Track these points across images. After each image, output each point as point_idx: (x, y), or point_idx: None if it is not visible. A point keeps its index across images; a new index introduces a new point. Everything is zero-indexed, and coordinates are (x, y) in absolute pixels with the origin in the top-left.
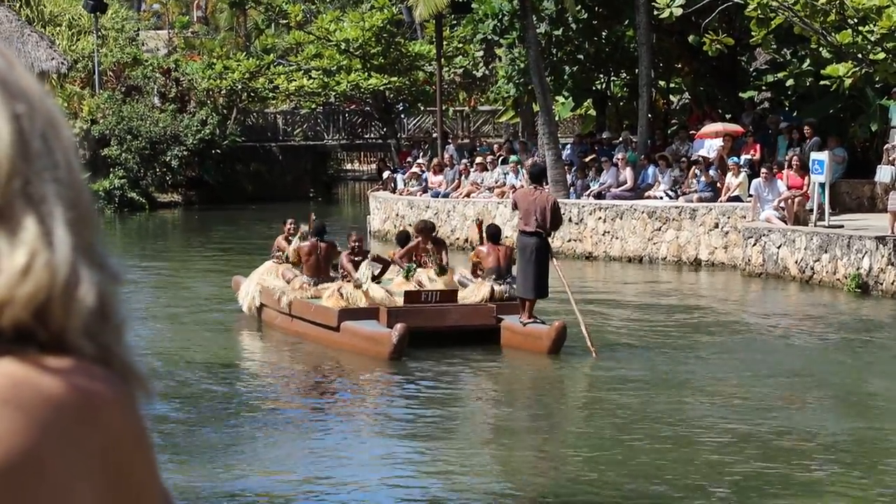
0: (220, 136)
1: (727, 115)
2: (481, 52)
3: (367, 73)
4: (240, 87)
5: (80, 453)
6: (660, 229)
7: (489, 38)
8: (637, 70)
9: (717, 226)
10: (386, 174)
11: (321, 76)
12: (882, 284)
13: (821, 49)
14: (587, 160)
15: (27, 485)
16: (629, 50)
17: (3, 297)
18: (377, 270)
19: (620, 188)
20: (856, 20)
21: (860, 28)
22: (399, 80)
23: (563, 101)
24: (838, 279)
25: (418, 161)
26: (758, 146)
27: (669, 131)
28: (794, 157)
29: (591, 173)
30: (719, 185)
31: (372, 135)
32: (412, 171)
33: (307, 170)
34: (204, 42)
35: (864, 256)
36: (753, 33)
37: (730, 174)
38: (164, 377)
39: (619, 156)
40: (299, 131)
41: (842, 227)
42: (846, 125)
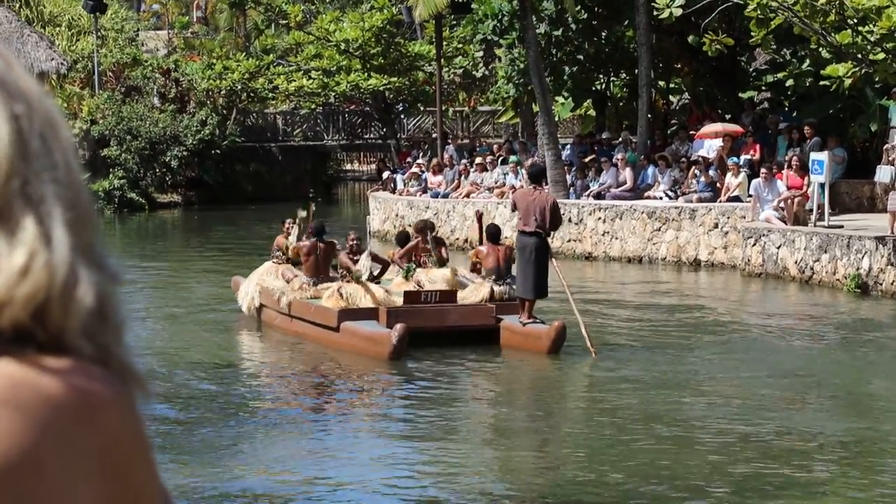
0: (219, 137)
1: (727, 116)
2: (481, 53)
3: (366, 74)
4: (239, 87)
5: (79, 453)
6: (659, 229)
7: (489, 38)
8: (637, 70)
9: (716, 226)
10: (386, 174)
11: (321, 76)
12: (882, 284)
13: (820, 49)
14: (587, 160)
15: (26, 485)
16: (629, 50)
17: (1, 298)
18: (377, 271)
19: (620, 188)
20: (855, 20)
21: (860, 28)
22: (399, 80)
23: (563, 101)
24: (838, 279)
25: (418, 161)
26: (757, 146)
27: (669, 131)
28: (794, 158)
29: (591, 174)
30: (719, 185)
31: (371, 135)
32: (412, 172)
33: (307, 170)
34: (203, 42)
35: (863, 257)
36: (753, 33)
37: (729, 174)
38: (164, 378)
39: (619, 156)
40: (299, 132)
41: (841, 227)
42: (846, 125)
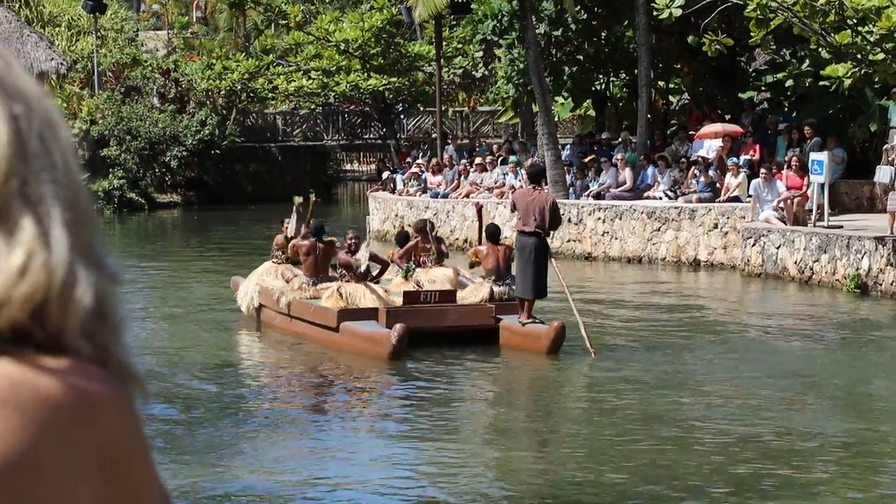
0: (219, 137)
1: (726, 116)
2: (481, 53)
3: (366, 74)
4: (239, 87)
5: (78, 453)
6: (659, 230)
7: (488, 38)
8: (636, 70)
9: (716, 226)
10: (385, 175)
11: (320, 77)
12: (881, 285)
13: (820, 50)
14: (586, 160)
15: (25, 485)
16: (628, 50)
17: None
18: (375, 271)
19: (620, 189)
20: (855, 21)
21: (859, 29)
22: (398, 80)
23: (563, 101)
24: (837, 279)
25: (418, 161)
26: (757, 147)
27: (669, 132)
28: (794, 158)
29: (591, 174)
30: (718, 185)
31: (371, 135)
32: (412, 172)
33: (306, 170)
34: (203, 42)
35: (863, 257)
36: (753, 34)
37: (729, 174)
38: (163, 378)
39: (619, 156)
40: (298, 132)
41: (841, 227)
42: (845, 126)
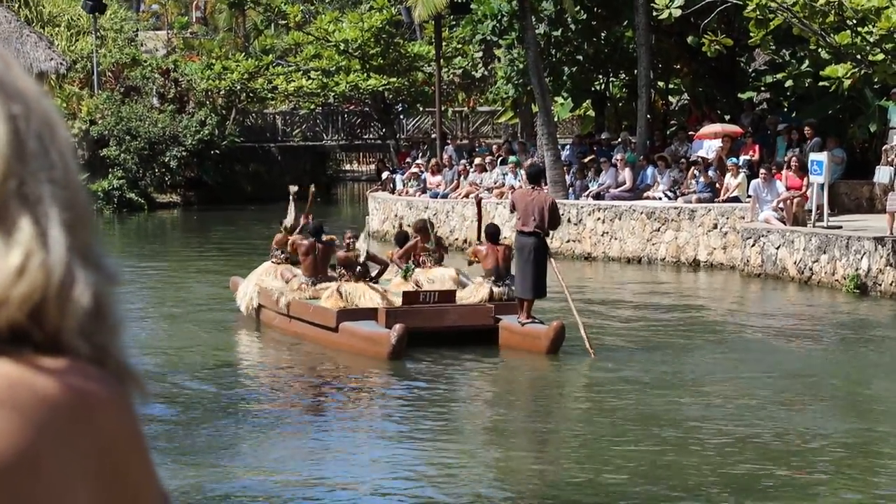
0: (218, 137)
1: (726, 116)
2: (480, 53)
3: (366, 74)
4: (239, 87)
5: (76, 453)
6: (659, 230)
7: (488, 38)
8: (636, 71)
9: (715, 226)
10: (385, 175)
11: (320, 77)
12: (881, 285)
13: (820, 50)
14: (586, 161)
15: (23, 485)
16: (628, 51)
17: None
18: (375, 271)
19: (619, 189)
20: (855, 21)
21: (859, 29)
22: (398, 80)
23: (562, 101)
24: (837, 280)
25: (417, 161)
26: (757, 147)
27: (668, 132)
28: (793, 158)
29: (590, 174)
30: (718, 185)
31: (371, 135)
32: (411, 172)
33: (306, 170)
34: (203, 43)
35: (862, 257)
36: (752, 34)
37: (728, 175)
38: (163, 378)
39: (618, 156)
40: (298, 132)
41: (840, 227)
42: (845, 126)
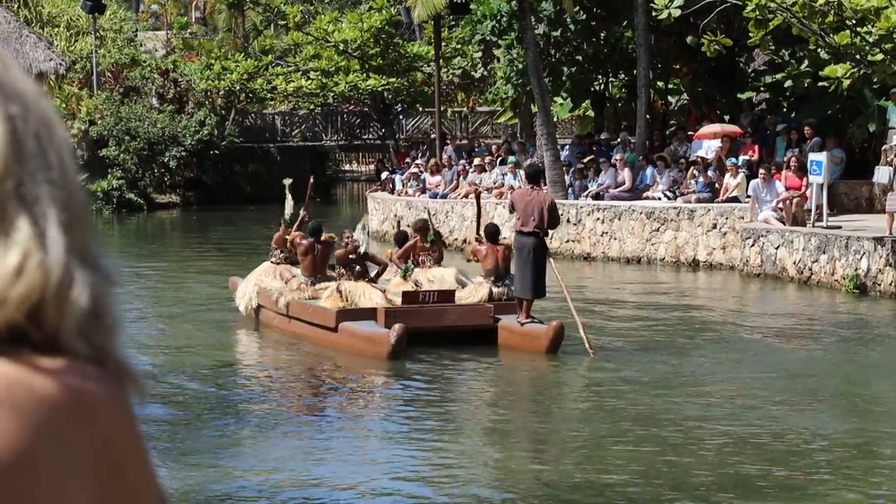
0: (218, 137)
1: (725, 116)
2: (480, 53)
3: (365, 74)
4: (238, 87)
5: (74, 453)
6: (658, 230)
7: (487, 39)
8: (635, 71)
9: (715, 226)
10: (384, 175)
11: (319, 77)
12: (880, 285)
13: (819, 50)
14: (585, 161)
15: (21, 485)
16: (627, 51)
17: None
18: (373, 272)
19: (619, 189)
20: (854, 21)
21: (858, 29)
22: (397, 80)
23: (562, 102)
24: (836, 280)
25: (417, 162)
26: (756, 147)
27: (668, 132)
28: (793, 158)
29: (590, 174)
30: (717, 185)
31: (370, 136)
32: (411, 172)
33: (305, 171)
34: (202, 43)
35: (861, 257)
36: (751, 34)
37: (728, 175)
38: (162, 378)
39: (618, 156)
40: (297, 132)
41: (840, 227)
42: (844, 126)
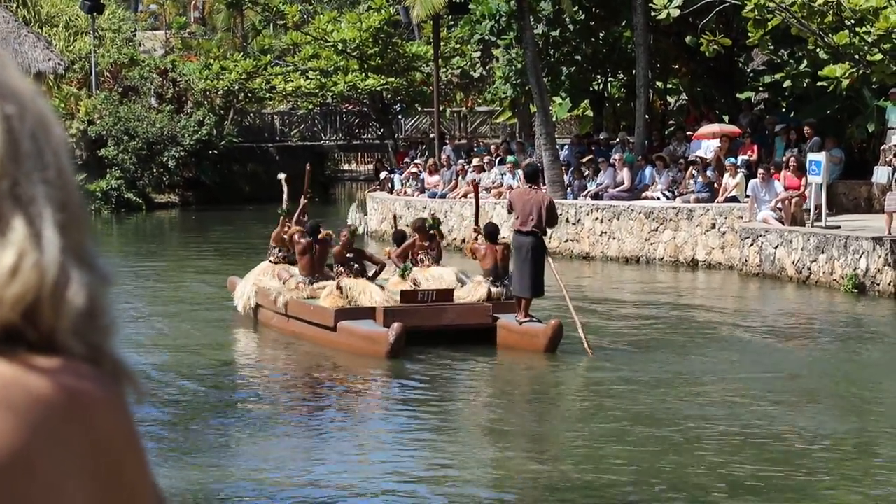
0: (217, 137)
1: (724, 116)
2: (478, 53)
3: (364, 74)
4: (237, 87)
5: (71, 453)
6: (657, 230)
7: (486, 38)
8: (634, 71)
9: (714, 226)
10: (383, 175)
11: (318, 77)
12: (879, 285)
13: (818, 50)
14: (584, 161)
15: (18, 485)
16: (626, 51)
17: None
18: (371, 272)
19: (617, 189)
20: (853, 21)
21: (857, 29)
22: (396, 80)
23: (561, 101)
24: (835, 280)
25: (416, 161)
26: (755, 147)
27: (667, 132)
28: (792, 158)
29: (589, 174)
30: (716, 185)
31: (369, 135)
32: (410, 172)
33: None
34: (201, 43)
35: (860, 257)
36: (750, 34)
37: (727, 175)
38: (160, 378)
39: (617, 156)
40: (296, 132)
41: (839, 227)
42: (843, 126)
